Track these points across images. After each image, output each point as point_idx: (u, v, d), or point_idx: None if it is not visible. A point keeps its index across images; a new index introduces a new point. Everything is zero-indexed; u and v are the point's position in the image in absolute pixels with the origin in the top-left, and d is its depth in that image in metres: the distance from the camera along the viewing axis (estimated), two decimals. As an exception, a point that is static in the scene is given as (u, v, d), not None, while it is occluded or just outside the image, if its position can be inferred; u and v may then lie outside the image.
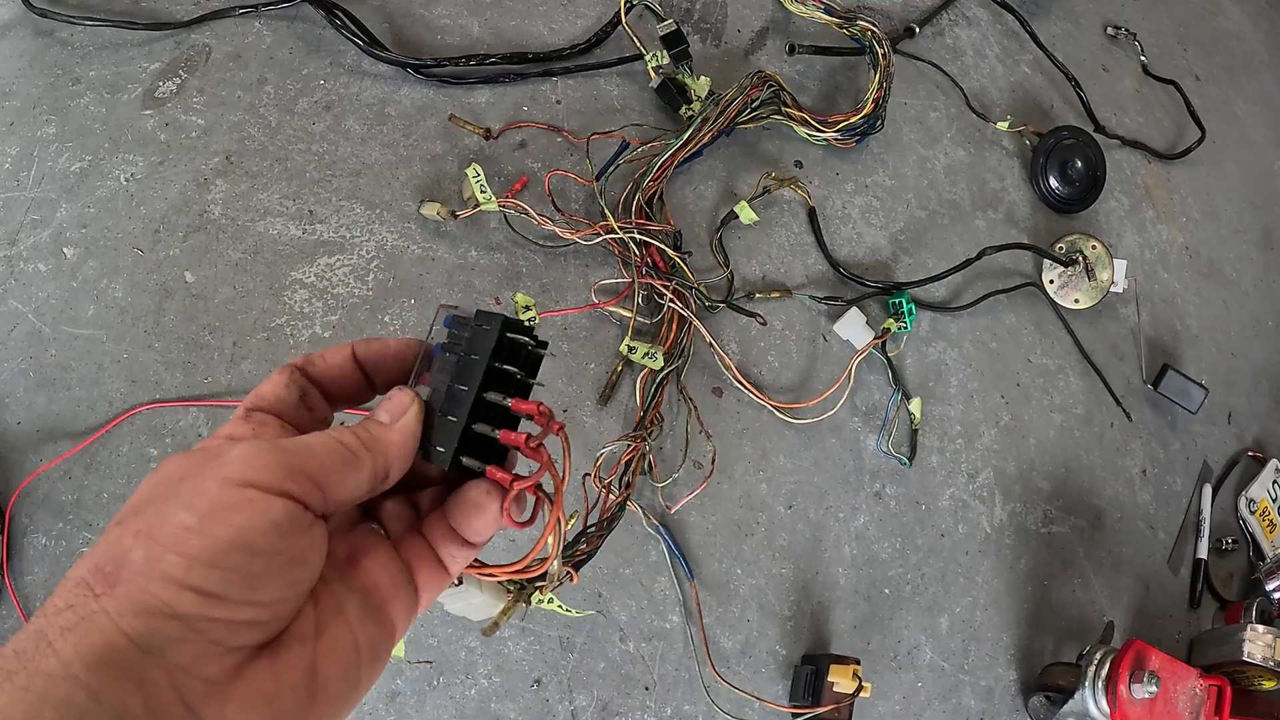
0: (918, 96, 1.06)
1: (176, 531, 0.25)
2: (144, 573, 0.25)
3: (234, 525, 0.26)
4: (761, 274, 0.91)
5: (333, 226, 0.81)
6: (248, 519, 0.26)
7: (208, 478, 0.27)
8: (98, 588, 0.25)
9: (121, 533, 0.26)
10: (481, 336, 0.33)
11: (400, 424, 0.32)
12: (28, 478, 0.69)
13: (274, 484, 0.27)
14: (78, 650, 0.23)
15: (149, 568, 0.25)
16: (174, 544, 0.25)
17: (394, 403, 0.33)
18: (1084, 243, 1.03)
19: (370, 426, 0.31)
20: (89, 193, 0.78)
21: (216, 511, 0.26)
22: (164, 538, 0.25)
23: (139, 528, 0.26)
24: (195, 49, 0.85)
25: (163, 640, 0.24)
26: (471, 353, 0.33)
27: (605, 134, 0.87)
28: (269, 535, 0.26)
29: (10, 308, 0.74)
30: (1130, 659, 0.79)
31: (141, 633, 0.24)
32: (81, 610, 0.24)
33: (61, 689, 0.23)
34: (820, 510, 0.86)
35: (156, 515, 0.26)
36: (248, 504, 0.26)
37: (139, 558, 0.25)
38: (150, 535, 0.25)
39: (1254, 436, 1.13)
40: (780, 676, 0.81)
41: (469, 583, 0.48)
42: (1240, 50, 1.39)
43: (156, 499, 0.27)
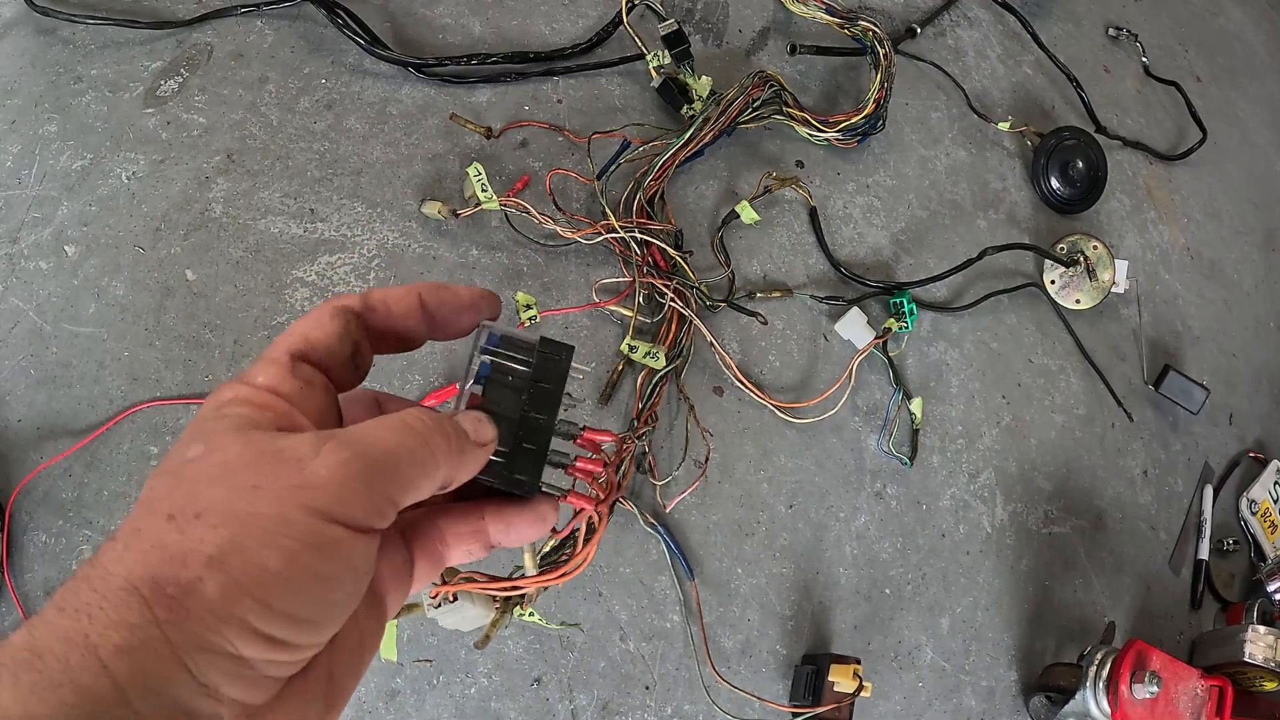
0: (919, 97, 1.06)
1: (258, 574, 0.23)
2: (217, 613, 0.23)
3: (320, 574, 0.24)
4: (763, 273, 0.91)
5: (334, 225, 0.81)
6: (334, 568, 0.24)
7: (291, 504, 0.24)
8: (160, 610, 0.23)
9: (186, 544, 0.23)
10: (553, 365, 0.33)
11: (484, 450, 0.30)
12: (28, 475, 0.69)
13: (361, 519, 0.25)
14: (133, 675, 0.22)
15: (224, 608, 0.23)
16: (255, 588, 0.23)
17: (482, 428, 0.30)
18: (1085, 243, 1.02)
19: (452, 433, 0.28)
20: (90, 191, 0.78)
21: (303, 555, 0.24)
22: (242, 576, 0.23)
23: (210, 551, 0.23)
24: (197, 48, 0.85)
25: (221, 677, 0.23)
26: (543, 380, 0.32)
27: (606, 133, 0.87)
28: (348, 582, 0.25)
29: (11, 305, 0.74)
30: (1131, 659, 0.79)
31: (203, 668, 0.23)
32: (141, 634, 0.23)
33: (111, 711, 0.22)
34: (821, 510, 0.86)
35: (231, 539, 0.24)
36: (334, 548, 0.24)
37: (213, 592, 0.23)
38: (225, 566, 0.23)
39: (1255, 437, 1.13)
40: (781, 676, 0.80)
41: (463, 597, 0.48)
42: (1242, 51, 1.39)
43: (224, 506, 0.24)
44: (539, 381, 0.32)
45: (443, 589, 0.45)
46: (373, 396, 0.33)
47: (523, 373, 0.33)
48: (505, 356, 0.32)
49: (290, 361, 0.28)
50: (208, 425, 0.26)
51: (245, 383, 0.27)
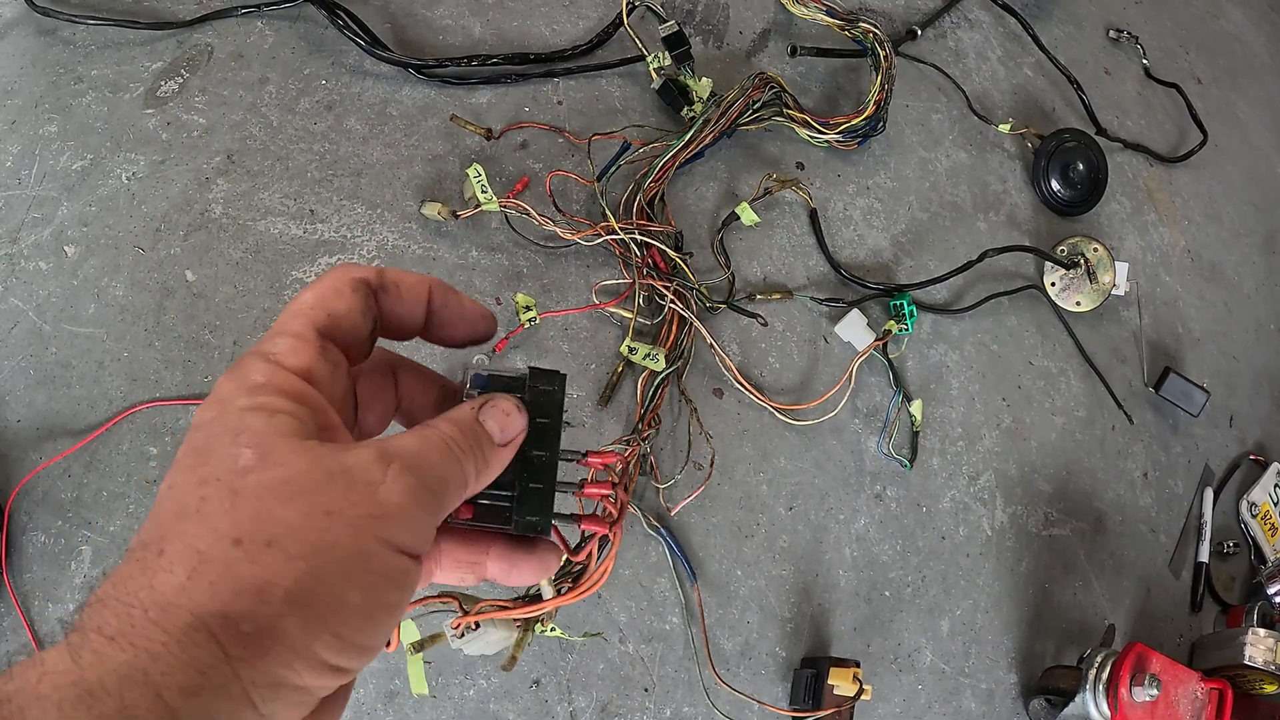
0: (920, 99, 1.06)
1: (340, 609, 0.23)
2: (295, 649, 0.22)
3: (391, 604, 0.24)
4: (763, 275, 0.91)
5: (334, 226, 0.81)
6: (404, 598, 0.25)
7: (370, 536, 0.24)
8: (233, 649, 0.22)
9: (261, 576, 0.22)
10: (547, 397, 0.31)
11: (508, 449, 0.29)
12: (27, 475, 0.69)
13: (422, 546, 0.25)
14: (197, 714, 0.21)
15: (303, 646, 0.22)
16: (336, 623, 0.23)
17: (510, 422, 0.29)
18: (1086, 245, 1.02)
19: (485, 446, 0.28)
20: (90, 191, 0.78)
21: (380, 588, 0.24)
22: (325, 612, 0.23)
23: (288, 585, 0.22)
24: (197, 48, 0.85)
25: (282, 706, 0.23)
26: (539, 415, 0.31)
27: (607, 135, 0.87)
28: (404, 609, 0.25)
29: (11, 305, 0.74)
30: (1131, 662, 0.79)
31: (268, 700, 0.22)
32: (214, 675, 0.21)
33: None
34: (821, 512, 0.86)
35: (311, 575, 0.23)
36: (404, 577, 0.25)
37: (293, 630, 0.22)
38: (308, 603, 0.22)
39: (1255, 440, 1.13)
40: (780, 679, 0.80)
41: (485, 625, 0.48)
42: (1242, 53, 1.39)
43: (300, 534, 0.23)
44: (536, 417, 0.31)
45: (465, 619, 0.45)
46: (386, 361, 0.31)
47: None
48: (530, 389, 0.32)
49: (319, 341, 0.26)
50: (249, 423, 0.24)
51: (275, 362, 0.26)
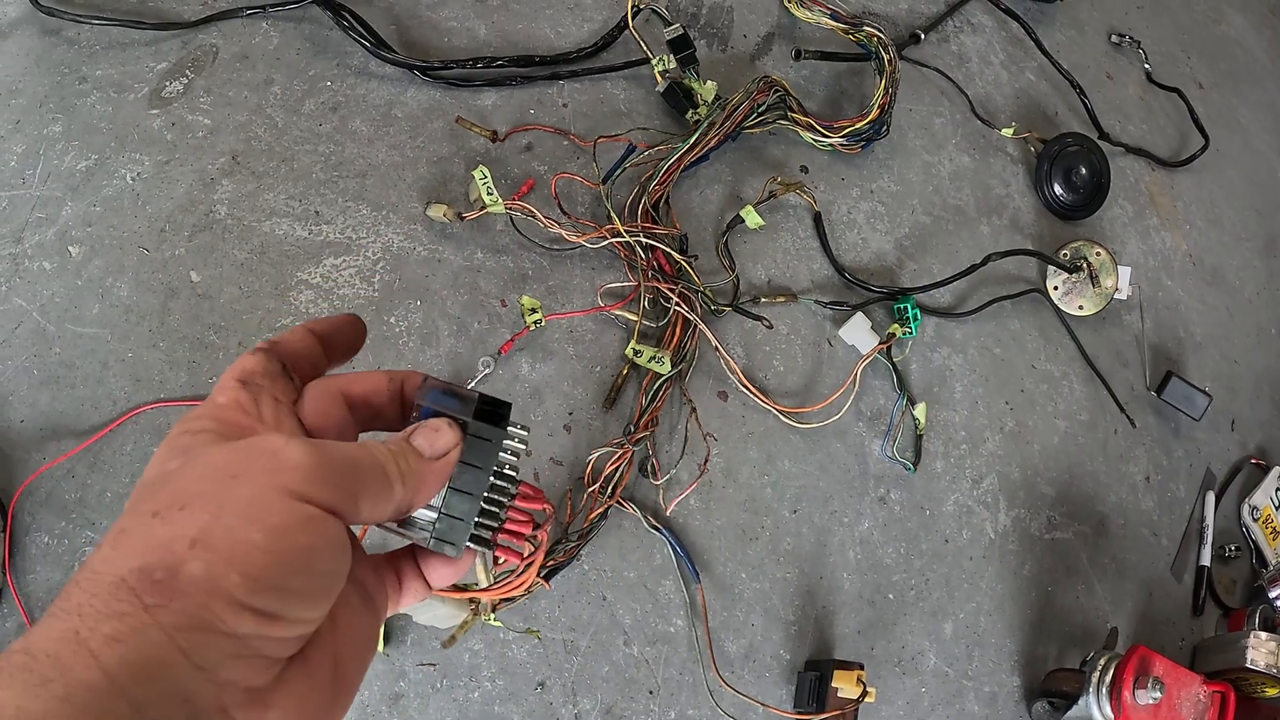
0: (923, 103, 1.06)
1: (241, 548, 0.24)
2: (204, 590, 0.24)
3: (299, 546, 0.25)
4: (767, 278, 0.91)
5: (339, 227, 0.81)
6: (311, 540, 0.25)
7: (264, 484, 0.26)
8: (148, 597, 0.23)
9: (170, 532, 0.24)
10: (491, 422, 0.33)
11: (440, 464, 0.31)
12: (30, 476, 0.69)
13: (329, 501, 0.26)
14: (125, 663, 0.22)
15: (210, 585, 0.24)
16: (239, 562, 0.24)
17: (439, 437, 0.32)
18: (1088, 249, 1.03)
19: (410, 457, 0.30)
20: (95, 191, 0.78)
21: (282, 530, 0.25)
22: (226, 552, 0.24)
23: (194, 534, 0.24)
24: (202, 49, 0.85)
25: (217, 656, 0.24)
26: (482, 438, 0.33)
27: (612, 138, 0.87)
28: (327, 557, 0.26)
29: (15, 305, 0.74)
30: (1134, 665, 0.79)
31: (197, 648, 0.23)
32: (132, 621, 0.23)
33: (105, 702, 0.22)
34: (825, 515, 0.86)
35: (214, 521, 0.25)
36: (310, 523, 0.26)
37: (198, 571, 0.24)
38: (209, 545, 0.24)
39: (1257, 444, 1.13)
40: (784, 681, 0.80)
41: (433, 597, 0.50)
42: (1243, 58, 1.40)
43: (207, 495, 0.25)
44: (480, 437, 0.33)
45: None
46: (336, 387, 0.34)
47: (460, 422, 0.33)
48: (446, 410, 0.33)
49: (236, 382, 0.30)
50: (181, 441, 0.28)
51: (210, 400, 0.30)
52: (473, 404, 0.33)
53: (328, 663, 0.27)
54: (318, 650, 0.27)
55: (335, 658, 0.27)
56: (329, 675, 0.27)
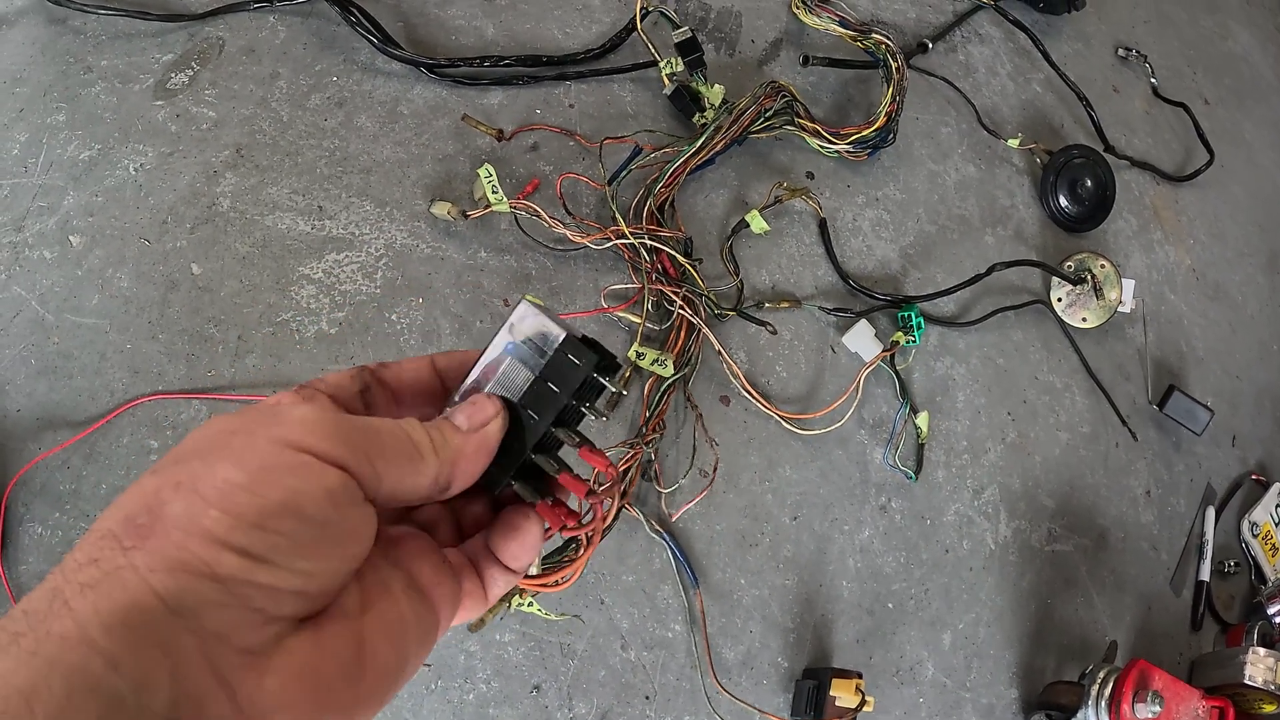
0: (929, 112, 1.06)
1: (222, 486, 0.23)
2: (182, 527, 0.22)
3: (285, 486, 0.24)
4: (771, 283, 0.91)
5: (342, 223, 0.80)
6: (301, 482, 0.24)
7: (261, 435, 0.25)
8: (127, 540, 0.22)
9: (159, 482, 0.24)
10: (568, 368, 0.30)
11: (478, 435, 0.29)
12: (25, 466, 0.69)
13: (331, 453, 0.25)
14: (97, 610, 0.21)
15: (189, 522, 0.22)
16: (219, 499, 0.23)
17: (477, 409, 0.30)
18: (1093, 261, 1.02)
19: (445, 429, 0.29)
20: (97, 181, 0.78)
21: (268, 470, 0.24)
22: (208, 491, 0.23)
23: (180, 479, 0.23)
24: (209, 42, 0.85)
25: (197, 601, 0.22)
26: (551, 381, 0.30)
27: (618, 139, 0.86)
28: (321, 503, 0.24)
29: (14, 294, 0.73)
30: (1134, 678, 0.79)
31: (174, 591, 0.22)
32: (106, 565, 0.22)
33: (74, 654, 0.20)
34: (825, 522, 0.85)
35: (202, 467, 0.24)
36: (302, 468, 0.24)
37: (178, 510, 0.23)
38: (193, 488, 0.23)
39: (1257, 460, 1.13)
40: (782, 689, 0.80)
41: None
42: (1249, 74, 1.40)
43: (202, 451, 0.24)
44: (548, 381, 0.30)
45: None
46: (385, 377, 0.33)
47: (536, 366, 0.31)
48: (532, 345, 0.31)
49: (298, 387, 0.29)
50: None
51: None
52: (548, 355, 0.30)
53: (349, 640, 0.25)
54: (336, 622, 0.25)
55: (361, 637, 0.26)
56: (349, 654, 0.25)
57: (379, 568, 0.28)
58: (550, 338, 0.31)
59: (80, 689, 0.20)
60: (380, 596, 0.27)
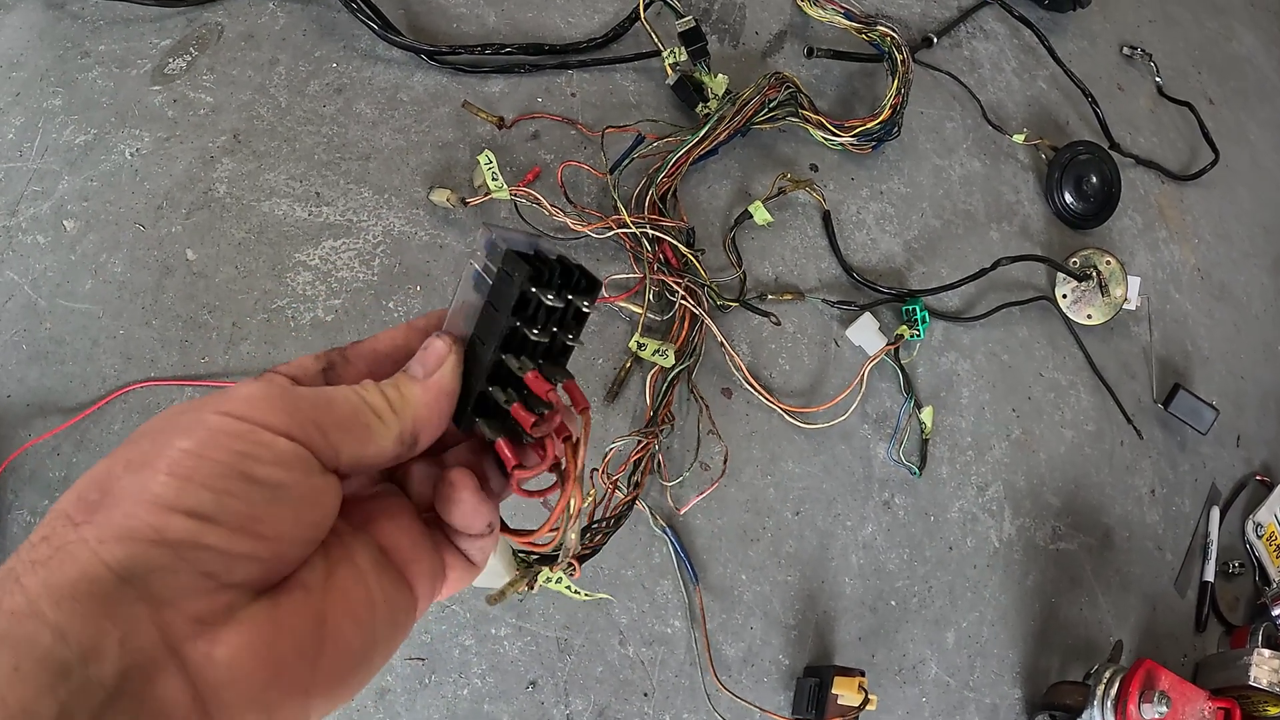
0: (935, 106, 1.05)
1: (171, 454, 0.23)
2: (131, 496, 0.22)
3: (234, 451, 0.23)
4: (774, 275, 0.90)
5: (339, 209, 0.79)
6: (249, 448, 0.24)
7: (208, 410, 0.24)
8: (78, 516, 0.22)
9: (110, 463, 0.24)
10: (504, 285, 0.28)
11: (433, 380, 0.28)
12: (15, 451, 0.67)
13: (276, 425, 0.25)
14: (46, 585, 0.21)
15: (138, 491, 0.22)
16: (167, 466, 0.23)
17: (429, 354, 0.29)
18: (1098, 258, 1.01)
19: (401, 384, 0.28)
20: (92, 166, 0.76)
21: (215, 436, 0.24)
22: (157, 461, 0.23)
23: (130, 456, 0.24)
24: (207, 27, 0.84)
25: (146, 568, 0.22)
26: (495, 304, 0.28)
27: (620, 128, 0.85)
28: (271, 467, 0.24)
29: (6, 279, 0.72)
30: (1141, 678, 0.77)
31: (122, 560, 0.21)
32: (57, 541, 0.22)
33: (24, 628, 0.20)
34: (828, 518, 0.84)
35: (149, 444, 0.24)
36: (250, 434, 0.24)
37: (127, 482, 0.23)
38: (142, 461, 0.23)
39: (1262, 460, 1.12)
40: (783, 687, 0.78)
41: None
42: (1254, 75, 1.39)
43: (151, 431, 0.24)
44: (492, 304, 0.28)
45: None
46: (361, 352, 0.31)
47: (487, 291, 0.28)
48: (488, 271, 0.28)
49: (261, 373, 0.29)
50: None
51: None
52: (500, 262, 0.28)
53: (308, 616, 0.25)
54: (294, 597, 0.25)
55: (322, 615, 0.25)
56: (307, 630, 0.24)
57: (347, 543, 0.27)
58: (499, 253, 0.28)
59: (27, 660, 0.20)
60: (346, 573, 0.26)
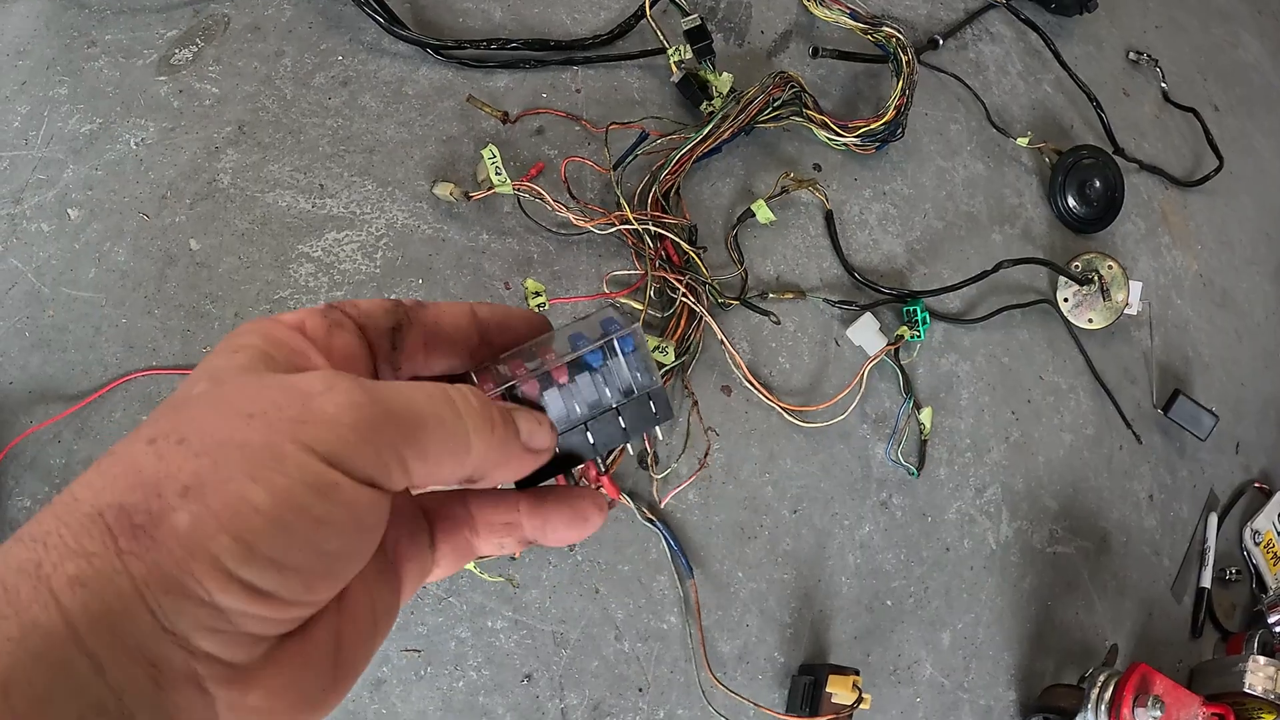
0: (939, 108, 1.05)
1: (239, 506, 0.20)
2: (187, 547, 0.20)
3: (312, 518, 0.21)
4: (776, 274, 0.90)
5: (343, 202, 0.79)
6: (329, 512, 0.21)
7: (285, 435, 0.21)
8: (124, 541, 0.20)
9: (162, 470, 0.21)
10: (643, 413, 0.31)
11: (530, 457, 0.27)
12: (16, 438, 0.68)
13: (365, 469, 0.22)
14: (87, 611, 0.19)
15: (194, 543, 0.20)
16: (232, 522, 0.20)
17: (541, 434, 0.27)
18: (1100, 262, 1.01)
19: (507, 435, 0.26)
20: (97, 155, 0.77)
21: (293, 494, 0.21)
22: (220, 508, 0.20)
23: (186, 479, 0.20)
24: (214, 18, 0.84)
25: (192, 625, 0.20)
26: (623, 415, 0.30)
27: (624, 125, 0.85)
28: (348, 535, 0.22)
29: (10, 266, 0.72)
30: (1135, 683, 0.78)
31: (169, 612, 0.20)
32: (99, 564, 0.20)
33: (61, 651, 0.19)
34: (826, 517, 0.84)
35: (212, 467, 0.21)
36: (330, 492, 0.21)
37: (184, 524, 0.20)
38: (202, 496, 0.20)
39: (1260, 468, 1.12)
40: (777, 685, 0.79)
41: None
42: (1259, 83, 1.39)
43: (211, 433, 0.21)
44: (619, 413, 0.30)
45: None
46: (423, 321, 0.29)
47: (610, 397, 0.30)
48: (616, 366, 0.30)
49: (325, 307, 0.25)
50: (216, 361, 0.24)
51: (269, 319, 0.25)
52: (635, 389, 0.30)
53: (329, 642, 0.23)
54: (319, 626, 0.23)
55: (339, 636, 0.24)
56: (329, 657, 0.23)
57: None
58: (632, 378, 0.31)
59: (63, 690, 0.19)
60: (355, 586, 0.25)
